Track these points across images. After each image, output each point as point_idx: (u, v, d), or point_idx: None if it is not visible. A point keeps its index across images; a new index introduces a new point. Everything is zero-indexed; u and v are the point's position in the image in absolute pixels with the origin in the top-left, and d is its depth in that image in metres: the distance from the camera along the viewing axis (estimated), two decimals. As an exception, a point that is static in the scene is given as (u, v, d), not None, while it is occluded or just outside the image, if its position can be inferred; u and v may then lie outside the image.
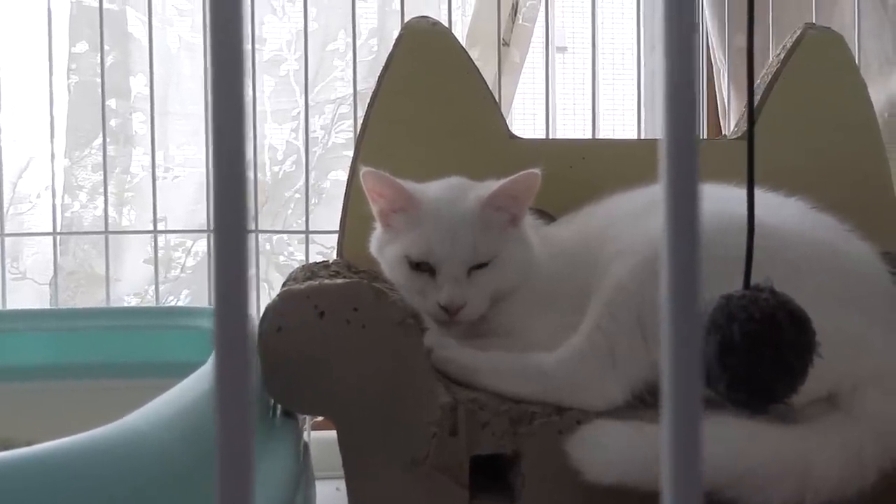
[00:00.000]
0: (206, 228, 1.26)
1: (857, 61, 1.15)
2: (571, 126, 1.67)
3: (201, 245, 1.45)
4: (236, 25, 0.18)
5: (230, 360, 0.18)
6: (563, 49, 1.73)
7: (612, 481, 0.65)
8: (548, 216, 1.02)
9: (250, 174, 0.18)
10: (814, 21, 1.19)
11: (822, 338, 0.60)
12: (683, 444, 0.16)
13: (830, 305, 0.70)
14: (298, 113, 1.45)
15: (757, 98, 1.09)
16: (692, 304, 0.16)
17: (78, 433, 0.46)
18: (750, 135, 0.57)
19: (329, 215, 1.32)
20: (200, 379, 0.60)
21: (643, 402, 0.76)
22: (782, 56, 1.12)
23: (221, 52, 0.18)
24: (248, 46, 0.18)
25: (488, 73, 1.21)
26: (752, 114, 0.57)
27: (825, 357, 0.60)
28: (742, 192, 0.64)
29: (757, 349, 0.52)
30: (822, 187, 0.93)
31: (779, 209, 0.84)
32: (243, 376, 0.18)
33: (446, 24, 1.14)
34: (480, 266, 0.87)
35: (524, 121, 1.67)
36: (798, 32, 1.12)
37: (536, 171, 0.87)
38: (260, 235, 1.32)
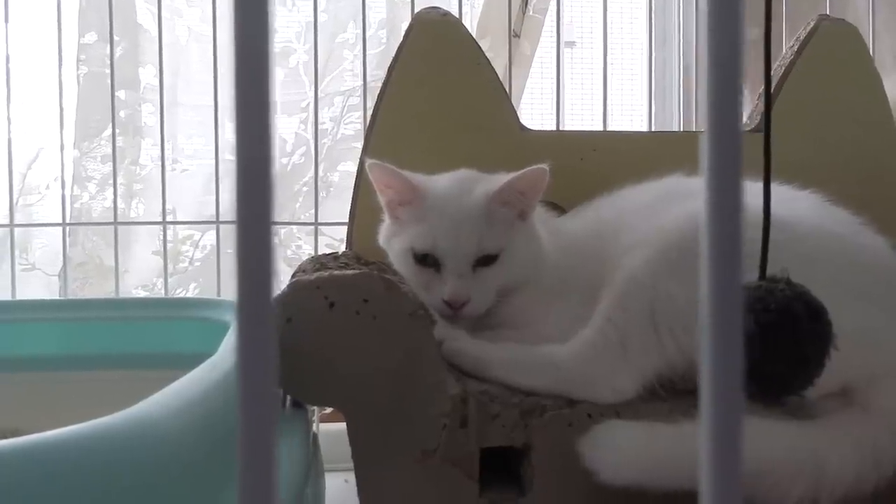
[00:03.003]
0: (214, 220, 1.25)
1: (871, 54, 1.14)
2: (579, 122, 1.66)
3: (209, 238, 1.45)
4: (262, 13, 0.17)
5: (253, 353, 0.17)
6: (571, 44, 1.72)
7: (625, 482, 0.65)
8: (558, 209, 1.01)
9: (274, 164, 0.18)
10: (828, 13, 1.18)
11: (837, 331, 0.60)
12: (723, 444, 0.16)
13: (845, 298, 0.69)
14: (308, 104, 1.45)
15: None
16: (734, 294, 0.16)
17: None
18: (767, 127, 0.56)
19: (338, 207, 1.32)
20: (211, 368, 0.60)
21: (656, 396, 0.76)
22: (796, 48, 1.11)
23: (246, 40, 0.17)
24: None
25: (498, 65, 1.20)
26: (769, 106, 0.56)
27: (840, 350, 0.60)
28: (755, 186, 0.63)
29: (773, 340, 0.51)
30: (836, 180, 0.92)
31: (793, 202, 0.83)
32: (268, 373, 0.17)
33: (456, 15, 1.13)
34: (487, 261, 0.86)
35: (532, 114, 1.66)
36: (812, 24, 1.11)
37: (545, 166, 0.86)
38: (269, 227, 1.31)
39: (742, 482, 0.16)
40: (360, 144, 1.13)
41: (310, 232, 1.27)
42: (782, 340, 0.52)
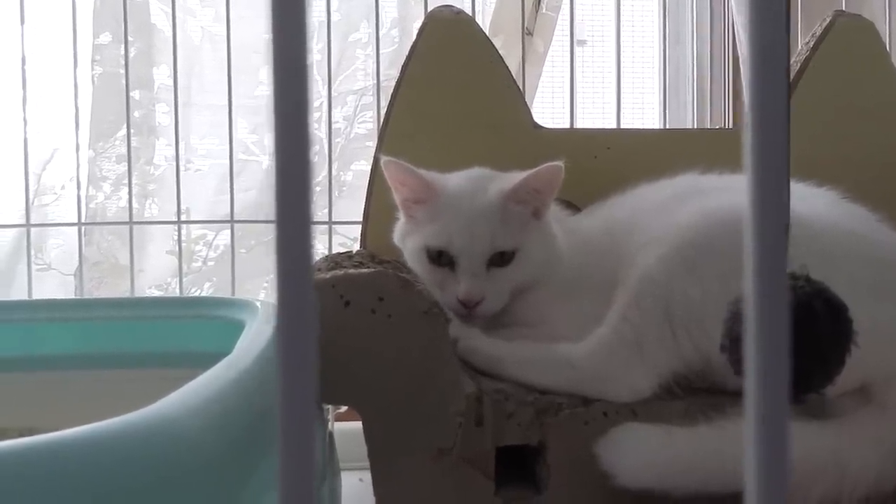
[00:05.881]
0: (229, 219, 1.26)
1: (888, 49, 1.13)
2: (590, 121, 1.66)
3: (223, 237, 1.45)
4: (301, 13, 0.17)
5: (294, 355, 0.17)
6: (582, 42, 1.71)
7: (643, 486, 0.65)
8: (573, 207, 1.01)
9: (312, 165, 0.18)
10: (843, 8, 1.17)
11: (856, 328, 0.59)
12: (770, 442, 0.16)
13: (863, 295, 0.68)
14: (321, 104, 1.45)
15: (785, 87, 1.07)
16: (780, 290, 0.16)
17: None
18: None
19: (351, 206, 1.32)
20: (227, 367, 0.60)
21: (672, 394, 0.75)
22: (811, 44, 1.10)
23: (285, 40, 0.17)
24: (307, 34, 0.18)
25: (511, 63, 1.20)
26: (787, 103, 0.56)
27: (859, 347, 0.60)
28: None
29: (793, 337, 0.51)
30: (853, 176, 0.91)
31: (810, 199, 0.82)
32: (308, 375, 0.17)
33: (469, 13, 1.13)
34: (502, 260, 0.86)
35: (545, 113, 1.66)
36: (828, 20, 1.11)
37: (559, 163, 0.86)
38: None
39: (788, 477, 0.16)
40: (373, 144, 1.13)
41: (324, 231, 1.28)
42: (803, 337, 0.52)
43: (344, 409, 1.13)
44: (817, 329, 0.52)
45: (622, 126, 1.20)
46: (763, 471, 0.16)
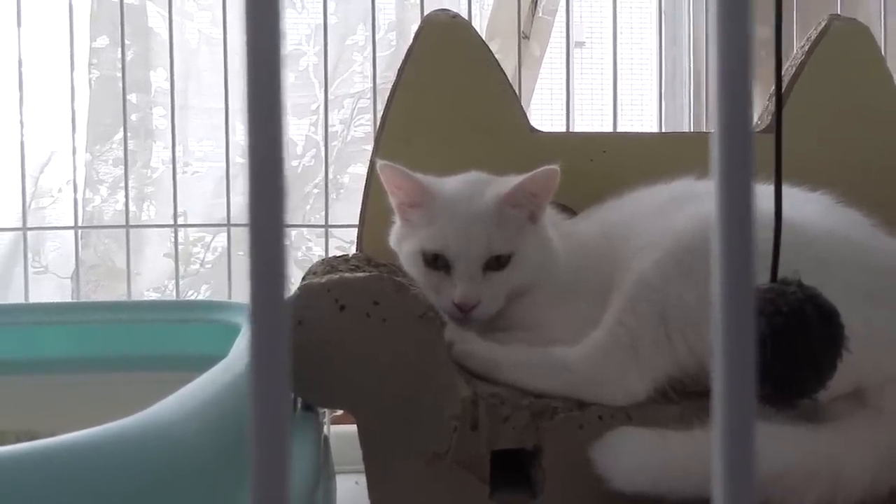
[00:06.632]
0: (225, 223, 1.26)
1: (883, 53, 1.13)
2: (589, 122, 1.66)
3: (220, 240, 1.46)
4: (274, 17, 0.17)
5: (267, 356, 0.17)
6: (580, 44, 1.71)
7: (637, 490, 0.65)
8: (568, 211, 1.01)
9: (286, 167, 0.18)
10: (839, 12, 1.17)
11: (849, 333, 0.60)
12: (736, 447, 0.16)
13: (857, 300, 0.69)
14: (318, 107, 1.45)
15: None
16: (746, 298, 0.16)
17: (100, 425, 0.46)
18: (778, 128, 0.56)
19: (348, 209, 1.32)
20: (223, 371, 0.60)
21: (666, 398, 0.75)
22: (807, 48, 1.10)
23: (258, 44, 0.17)
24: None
25: (508, 67, 1.20)
26: (779, 107, 0.56)
27: (853, 352, 0.60)
28: (766, 188, 0.63)
29: (784, 343, 0.51)
30: (847, 181, 0.92)
31: (804, 204, 0.83)
32: (280, 377, 0.17)
33: (466, 17, 1.13)
34: (497, 264, 0.86)
35: (541, 116, 1.66)
36: (823, 24, 1.11)
37: (555, 167, 0.86)
38: (279, 230, 1.32)
39: (755, 483, 0.16)
40: (369, 147, 1.13)
41: (320, 234, 1.28)
42: (794, 343, 0.52)
43: (339, 412, 1.13)
44: (809, 334, 0.52)
45: (619, 129, 1.20)
46: (728, 475, 0.16)
